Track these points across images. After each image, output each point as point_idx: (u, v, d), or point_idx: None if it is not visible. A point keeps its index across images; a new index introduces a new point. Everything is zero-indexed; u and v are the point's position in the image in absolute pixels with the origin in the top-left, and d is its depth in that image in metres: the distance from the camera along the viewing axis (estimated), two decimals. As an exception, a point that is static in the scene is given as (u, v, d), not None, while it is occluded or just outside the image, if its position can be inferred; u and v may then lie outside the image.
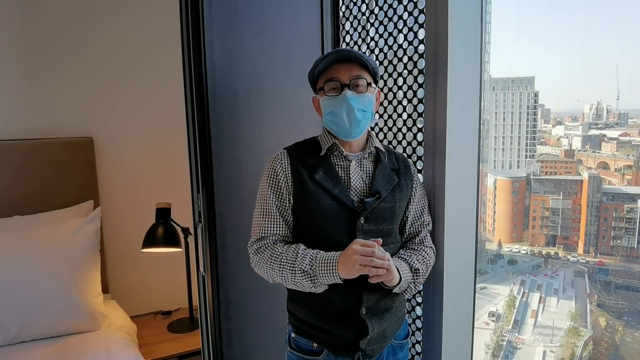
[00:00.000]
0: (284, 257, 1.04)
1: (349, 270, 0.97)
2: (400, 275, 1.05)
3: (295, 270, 1.02)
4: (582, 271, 21.21)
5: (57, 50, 2.09)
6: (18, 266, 1.72)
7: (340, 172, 1.10)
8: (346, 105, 1.04)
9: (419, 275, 1.12)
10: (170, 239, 2.05)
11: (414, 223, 1.19)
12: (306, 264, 1.01)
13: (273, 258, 1.05)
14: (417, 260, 1.12)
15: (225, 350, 1.67)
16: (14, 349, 1.68)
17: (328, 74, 1.07)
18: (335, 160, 1.11)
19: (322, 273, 1.00)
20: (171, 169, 2.32)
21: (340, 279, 0.99)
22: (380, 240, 1.01)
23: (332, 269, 0.99)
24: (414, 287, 1.13)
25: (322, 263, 1.00)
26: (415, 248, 1.16)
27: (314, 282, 1.01)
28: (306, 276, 1.01)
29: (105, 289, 2.15)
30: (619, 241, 21.35)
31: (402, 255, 1.12)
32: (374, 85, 1.11)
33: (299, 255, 1.03)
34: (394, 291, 1.09)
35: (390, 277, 1.01)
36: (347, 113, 1.05)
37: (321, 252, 1.03)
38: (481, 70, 1.22)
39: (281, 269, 1.04)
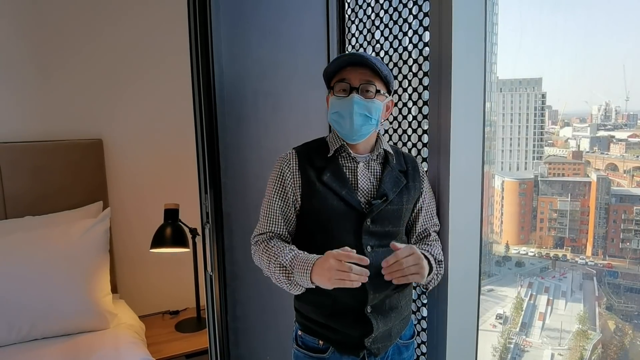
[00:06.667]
0: (273, 251, 1.07)
1: (323, 283, 0.97)
2: (430, 264, 1.07)
3: (277, 264, 1.04)
4: (591, 273, 21.02)
5: (67, 54, 2.13)
6: (29, 266, 1.75)
7: (347, 173, 1.11)
8: (350, 108, 1.06)
9: (441, 267, 1.14)
10: (178, 240, 2.08)
11: (425, 224, 1.20)
12: (287, 260, 1.03)
13: (266, 250, 1.08)
14: (437, 253, 1.15)
15: (232, 350, 1.68)
16: (25, 346, 1.71)
17: (340, 75, 1.09)
18: (343, 162, 1.12)
19: (298, 272, 1.00)
20: (179, 170, 2.34)
21: (312, 284, 0.99)
22: (366, 260, 0.94)
23: (306, 272, 0.98)
24: (436, 280, 1.15)
25: (300, 262, 1.01)
26: (428, 243, 1.18)
27: (290, 280, 1.02)
28: (284, 271, 1.03)
29: (114, 289, 2.17)
30: (628, 243, 21.14)
31: (423, 249, 1.13)
32: (385, 94, 1.12)
33: (285, 251, 1.06)
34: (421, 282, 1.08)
35: (424, 272, 1.02)
36: (350, 116, 1.06)
37: (307, 253, 1.04)
38: (485, 72, 1.23)
39: (269, 261, 1.06)
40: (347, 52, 1.70)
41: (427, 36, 1.27)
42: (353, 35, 1.65)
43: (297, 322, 1.20)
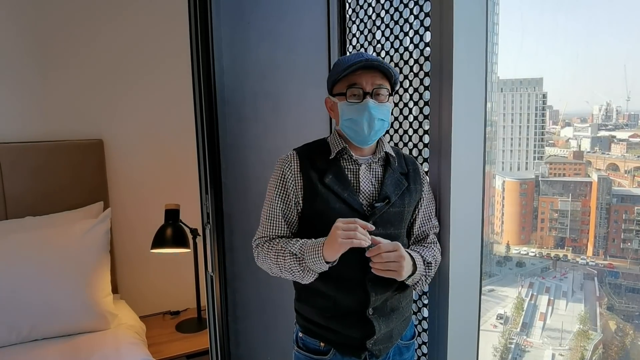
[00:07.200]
0: (280, 245, 1.07)
1: (332, 246, 0.96)
2: (415, 265, 1.06)
3: (285, 254, 1.04)
4: (592, 274, 21.02)
5: (68, 54, 2.13)
6: (30, 266, 1.75)
7: (349, 175, 1.11)
8: (367, 113, 1.05)
9: (431, 270, 1.13)
10: (179, 240, 2.07)
11: (422, 226, 1.20)
12: (296, 248, 1.04)
13: (271, 247, 1.08)
14: (429, 255, 1.14)
15: (233, 350, 1.68)
16: (26, 347, 1.71)
17: (350, 80, 1.07)
18: (345, 164, 1.12)
19: (309, 255, 1.00)
20: (180, 170, 2.34)
21: (324, 261, 0.99)
22: (371, 226, 0.99)
23: (318, 250, 0.99)
24: (425, 282, 1.13)
25: (310, 246, 1.01)
26: (424, 245, 1.18)
27: (302, 266, 1.02)
28: (295, 259, 1.03)
29: (114, 289, 2.17)
30: (629, 243, 21.15)
31: (414, 249, 1.14)
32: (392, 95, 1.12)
33: (292, 241, 1.06)
34: (406, 282, 1.08)
35: (401, 271, 1.02)
36: (368, 121, 1.05)
37: (314, 239, 1.04)
38: (486, 72, 1.23)
39: (277, 256, 1.06)
40: (348, 52, 1.70)
41: (428, 36, 1.27)
42: (354, 35, 1.65)
43: (298, 324, 1.19)
